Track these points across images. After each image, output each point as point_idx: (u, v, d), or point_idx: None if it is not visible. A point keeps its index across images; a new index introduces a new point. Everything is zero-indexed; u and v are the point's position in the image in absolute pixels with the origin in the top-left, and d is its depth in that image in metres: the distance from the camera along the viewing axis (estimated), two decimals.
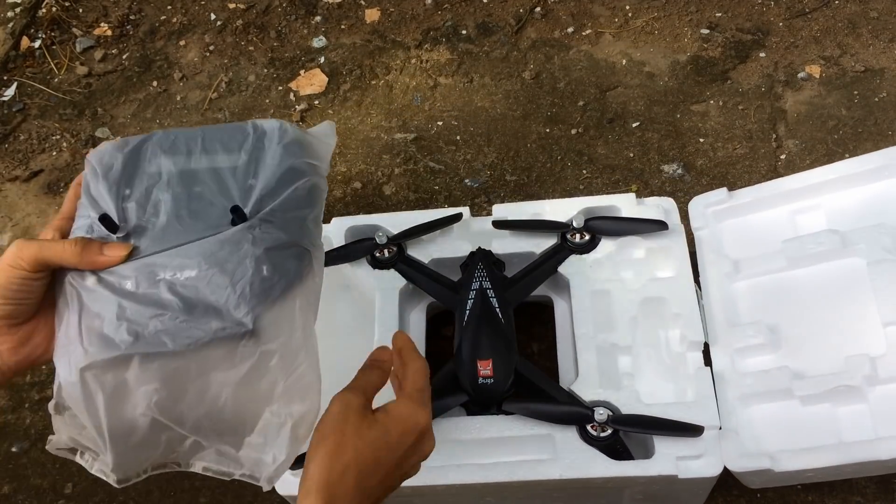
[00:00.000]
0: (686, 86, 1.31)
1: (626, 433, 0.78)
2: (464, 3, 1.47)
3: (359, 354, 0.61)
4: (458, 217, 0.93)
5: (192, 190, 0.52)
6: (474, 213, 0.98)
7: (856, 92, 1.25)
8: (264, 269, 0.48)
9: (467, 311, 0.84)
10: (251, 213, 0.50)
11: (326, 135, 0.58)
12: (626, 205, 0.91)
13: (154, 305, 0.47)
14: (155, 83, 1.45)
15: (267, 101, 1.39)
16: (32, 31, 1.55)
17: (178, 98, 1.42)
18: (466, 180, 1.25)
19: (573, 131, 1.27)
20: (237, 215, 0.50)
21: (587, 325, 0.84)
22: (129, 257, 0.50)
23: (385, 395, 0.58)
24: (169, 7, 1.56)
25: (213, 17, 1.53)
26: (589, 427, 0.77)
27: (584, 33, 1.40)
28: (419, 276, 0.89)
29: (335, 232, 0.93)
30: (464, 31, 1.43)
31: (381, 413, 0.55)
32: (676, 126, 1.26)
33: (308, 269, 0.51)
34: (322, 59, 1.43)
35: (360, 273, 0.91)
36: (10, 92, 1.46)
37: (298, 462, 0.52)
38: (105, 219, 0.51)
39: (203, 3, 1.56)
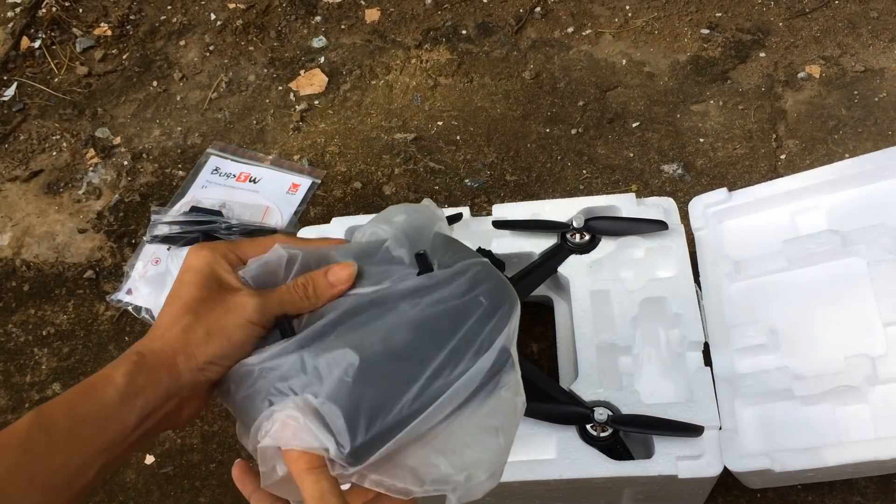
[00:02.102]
0: (686, 86, 1.31)
1: (626, 433, 0.78)
2: (464, 3, 1.47)
3: None
4: (458, 217, 0.93)
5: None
6: (474, 213, 0.98)
7: (856, 92, 1.25)
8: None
9: None
10: None
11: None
12: (626, 205, 0.91)
13: None
14: (155, 83, 1.45)
15: (267, 101, 1.39)
16: (32, 31, 1.55)
17: (178, 98, 1.42)
18: (466, 180, 1.25)
19: (573, 131, 1.27)
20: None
21: (587, 325, 0.84)
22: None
23: None
24: (169, 7, 1.56)
25: (213, 17, 1.53)
26: (589, 427, 0.77)
27: (584, 33, 1.40)
28: None
29: (335, 232, 0.93)
30: (464, 31, 1.43)
31: None
32: (676, 126, 1.26)
33: None
34: (322, 59, 1.43)
35: None
36: (10, 92, 1.46)
37: None
38: (421, 257, 0.50)
39: (203, 3, 1.56)
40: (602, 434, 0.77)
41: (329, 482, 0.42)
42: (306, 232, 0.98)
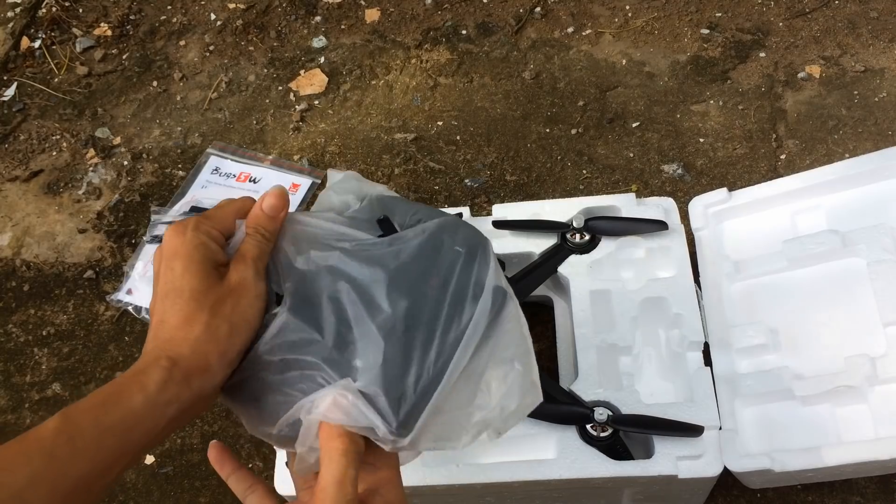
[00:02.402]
0: (686, 86, 1.31)
1: (626, 433, 0.78)
2: (464, 3, 1.47)
3: None
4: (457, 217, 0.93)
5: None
6: (474, 213, 0.98)
7: (856, 92, 1.25)
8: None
9: None
10: None
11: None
12: (626, 205, 0.91)
13: None
14: (155, 83, 1.45)
15: (267, 101, 1.39)
16: (32, 31, 1.55)
17: (178, 98, 1.42)
18: (466, 180, 1.25)
19: (573, 131, 1.27)
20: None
21: (587, 325, 0.84)
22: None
23: None
24: (169, 7, 1.56)
25: (213, 17, 1.53)
26: (589, 427, 0.77)
27: (584, 33, 1.40)
28: None
29: None
30: (464, 31, 1.43)
31: None
32: (676, 126, 1.26)
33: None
34: (322, 59, 1.43)
35: None
36: (10, 92, 1.46)
37: None
38: (385, 221, 0.52)
39: (203, 3, 1.56)
40: (602, 434, 0.77)
41: (355, 471, 0.42)
42: None
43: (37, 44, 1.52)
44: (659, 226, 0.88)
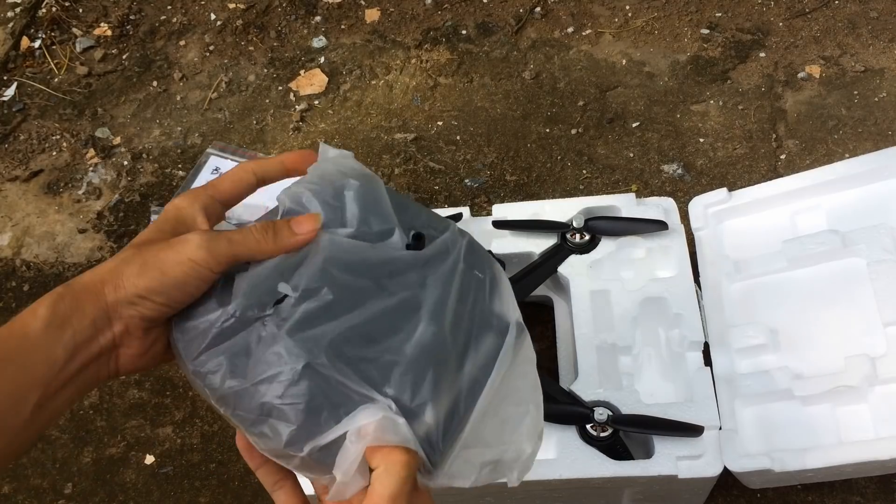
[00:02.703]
0: (686, 86, 1.31)
1: (626, 433, 0.78)
2: (464, 3, 1.47)
3: None
4: (458, 217, 0.93)
5: None
6: (474, 213, 0.98)
7: (856, 92, 1.25)
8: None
9: None
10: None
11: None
12: (626, 205, 0.91)
13: None
14: (155, 83, 1.45)
15: (267, 101, 1.39)
16: (32, 31, 1.54)
17: (178, 98, 1.42)
18: (466, 180, 1.25)
19: (573, 131, 1.27)
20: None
21: (587, 325, 0.84)
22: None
23: None
24: (169, 7, 1.56)
25: (213, 17, 1.53)
26: (589, 427, 0.77)
27: (584, 33, 1.40)
28: None
29: None
30: (464, 31, 1.43)
31: None
32: (676, 126, 1.26)
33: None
34: (322, 59, 1.43)
35: None
36: (10, 92, 1.46)
37: None
38: (419, 238, 0.47)
39: (203, 3, 1.56)
40: (602, 434, 0.77)
41: (411, 488, 0.40)
42: None
43: (37, 44, 1.52)
44: (659, 226, 0.88)
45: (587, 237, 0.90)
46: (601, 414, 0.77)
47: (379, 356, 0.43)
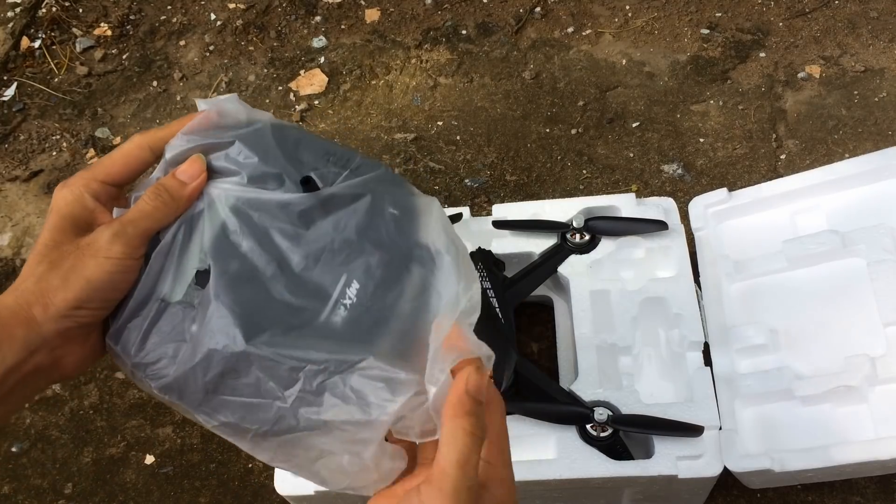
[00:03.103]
0: (686, 86, 1.31)
1: (626, 433, 0.78)
2: (464, 3, 1.47)
3: None
4: (458, 217, 0.93)
5: None
6: (474, 213, 0.98)
7: (856, 92, 1.25)
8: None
9: None
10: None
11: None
12: (626, 205, 0.91)
13: None
14: (155, 83, 1.45)
15: (267, 101, 1.39)
16: (32, 31, 1.54)
17: (178, 98, 1.42)
18: (466, 180, 1.25)
19: (573, 131, 1.27)
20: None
21: (587, 325, 0.84)
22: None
23: None
24: (169, 7, 1.56)
25: (213, 17, 1.53)
26: (589, 427, 0.77)
27: (584, 33, 1.40)
28: None
29: None
30: (464, 31, 1.43)
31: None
32: (676, 126, 1.26)
33: None
34: (322, 59, 1.43)
35: None
36: (10, 92, 1.46)
37: None
38: (308, 181, 0.45)
39: (203, 3, 1.56)
40: (602, 434, 0.77)
41: (478, 456, 0.40)
42: None
43: (37, 44, 1.52)
44: (659, 226, 0.88)
45: (587, 237, 0.90)
46: (601, 414, 0.77)
47: (310, 317, 0.42)
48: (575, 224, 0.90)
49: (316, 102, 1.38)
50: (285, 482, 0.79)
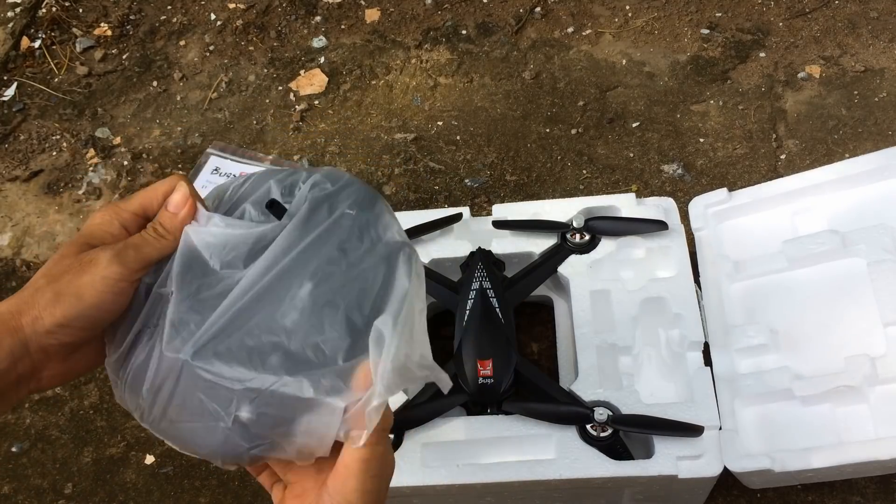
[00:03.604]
0: (686, 86, 1.31)
1: (626, 433, 0.78)
2: (464, 3, 1.47)
3: None
4: (458, 217, 0.93)
5: None
6: (474, 213, 0.98)
7: (856, 92, 1.25)
8: None
9: (467, 312, 0.84)
10: None
11: None
12: (626, 205, 0.91)
13: None
14: (155, 83, 1.45)
15: (267, 101, 1.39)
16: (32, 31, 1.54)
17: (178, 98, 1.42)
18: (466, 180, 1.25)
19: (573, 131, 1.27)
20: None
21: (587, 325, 0.84)
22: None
23: None
24: (169, 7, 1.56)
25: (213, 17, 1.53)
26: (589, 427, 0.77)
27: (584, 33, 1.40)
28: None
29: None
30: (464, 31, 1.43)
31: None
32: (676, 126, 1.26)
33: None
34: (322, 59, 1.43)
35: None
36: (10, 92, 1.46)
37: None
38: (273, 205, 0.48)
39: (203, 3, 1.56)
40: (602, 434, 0.77)
41: (384, 448, 0.44)
42: None
43: (37, 44, 1.52)
44: (659, 226, 0.88)
45: (587, 237, 0.90)
46: (601, 414, 0.77)
47: (269, 336, 0.43)
48: (575, 224, 0.90)
49: (316, 102, 1.38)
50: None
